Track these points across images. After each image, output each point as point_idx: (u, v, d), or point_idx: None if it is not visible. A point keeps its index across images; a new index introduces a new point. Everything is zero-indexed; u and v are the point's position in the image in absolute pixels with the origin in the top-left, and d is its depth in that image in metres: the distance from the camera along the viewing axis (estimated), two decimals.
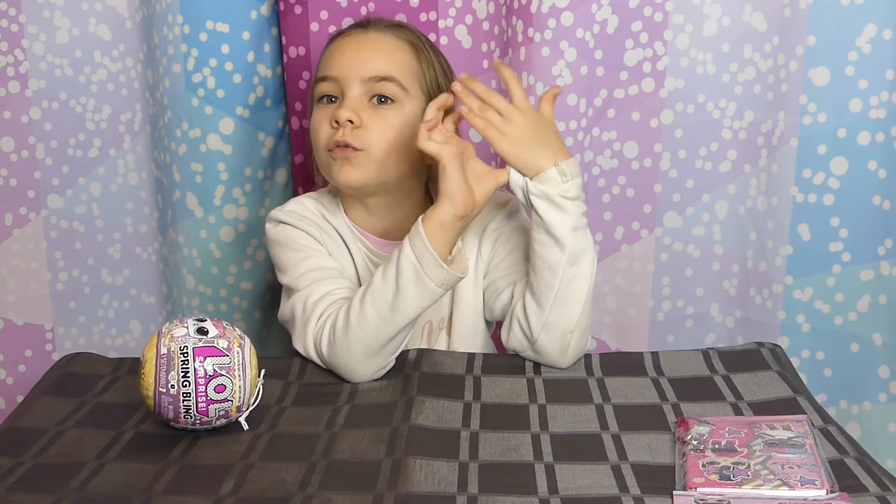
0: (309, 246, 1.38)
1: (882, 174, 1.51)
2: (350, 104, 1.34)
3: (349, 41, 1.40)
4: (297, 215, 1.40)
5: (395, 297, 1.23)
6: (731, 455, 1.03)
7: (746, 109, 1.55)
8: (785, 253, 1.56)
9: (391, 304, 1.23)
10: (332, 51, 1.41)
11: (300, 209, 1.41)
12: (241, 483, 1.01)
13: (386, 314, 1.23)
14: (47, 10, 1.61)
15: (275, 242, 1.39)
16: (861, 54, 1.47)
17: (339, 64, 1.37)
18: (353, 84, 1.35)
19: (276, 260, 1.40)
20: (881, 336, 1.56)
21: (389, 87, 1.36)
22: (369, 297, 1.24)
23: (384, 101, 1.36)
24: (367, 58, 1.37)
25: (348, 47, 1.39)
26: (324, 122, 1.36)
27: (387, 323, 1.23)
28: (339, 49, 1.40)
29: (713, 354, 1.34)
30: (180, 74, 1.58)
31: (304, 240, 1.38)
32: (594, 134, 1.57)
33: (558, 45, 1.49)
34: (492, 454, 1.07)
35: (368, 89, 1.36)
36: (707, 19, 1.52)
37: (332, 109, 1.36)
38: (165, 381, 1.08)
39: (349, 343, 1.25)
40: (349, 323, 1.24)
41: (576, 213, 1.27)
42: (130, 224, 1.74)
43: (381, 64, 1.37)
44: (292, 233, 1.38)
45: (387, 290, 1.23)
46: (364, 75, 1.35)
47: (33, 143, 1.65)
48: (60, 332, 1.72)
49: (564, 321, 1.28)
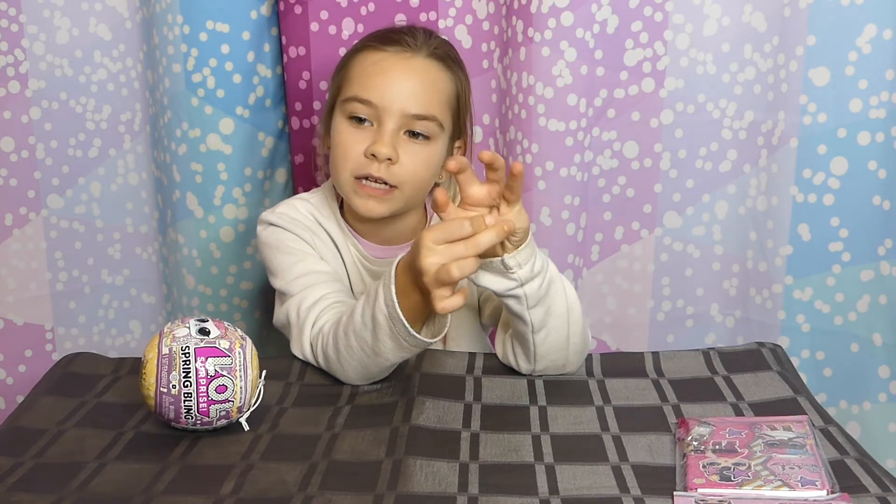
0: (300, 249, 1.36)
1: (882, 174, 1.51)
2: (389, 140, 1.30)
3: (392, 67, 1.33)
4: (287, 218, 1.38)
5: (374, 342, 1.18)
6: (732, 456, 1.03)
7: (746, 109, 1.55)
8: (785, 253, 1.56)
9: (372, 347, 1.19)
10: (373, 71, 1.34)
11: (291, 212, 1.40)
12: (242, 483, 1.01)
13: (370, 353, 1.20)
14: (47, 10, 1.61)
15: (266, 245, 1.38)
16: (861, 54, 1.47)
17: (381, 91, 1.31)
18: (394, 117, 1.31)
19: (268, 263, 1.38)
20: (881, 336, 1.56)
21: (429, 126, 1.32)
22: (353, 333, 1.20)
23: (416, 135, 1.33)
24: (411, 92, 1.32)
25: (392, 74, 1.33)
26: (356, 147, 1.31)
27: (372, 360, 1.21)
28: (381, 72, 1.33)
29: (713, 355, 1.34)
30: (180, 74, 1.58)
31: (295, 243, 1.37)
32: (594, 134, 1.57)
33: (558, 45, 1.49)
34: (492, 455, 1.07)
35: (406, 123, 1.31)
36: (707, 19, 1.53)
37: (367, 135, 1.31)
38: (167, 381, 1.08)
39: (343, 369, 1.24)
40: (339, 352, 1.23)
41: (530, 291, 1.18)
42: (130, 224, 1.74)
43: (426, 102, 1.32)
44: (283, 235, 1.37)
45: (366, 334, 1.19)
46: (407, 111, 1.31)
47: (33, 143, 1.65)
48: (60, 332, 1.72)
49: (554, 364, 1.27)
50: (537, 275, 1.17)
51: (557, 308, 1.22)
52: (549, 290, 1.20)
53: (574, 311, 1.24)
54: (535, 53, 1.50)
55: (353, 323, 1.20)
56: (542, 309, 1.20)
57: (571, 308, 1.24)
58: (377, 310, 1.16)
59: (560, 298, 1.22)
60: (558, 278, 1.23)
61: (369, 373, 1.23)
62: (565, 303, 1.23)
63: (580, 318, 1.26)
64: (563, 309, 1.23)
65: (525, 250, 1.15)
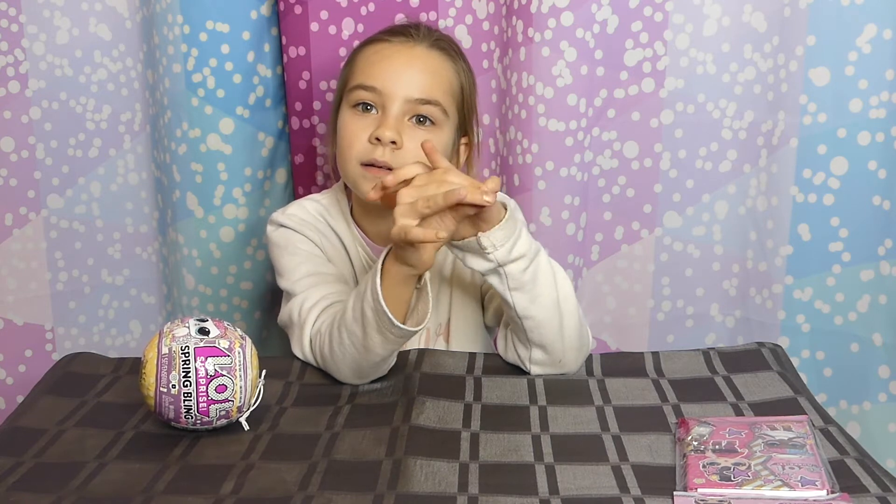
0: (308, 251, 1.37)
1: (882, 174, 1.51)
2: (393, 124, 1.30)
3: (396, 53, 1.35)
4: (297, 219, 1.39)
5: (364, 338, 1.20)
6: (732, 456, 1.03)
7: (746, 109, 1.55)
8: (785, 253, 1.56)
9: (362, 343, 1.20)
10: (376, 59, 1.35)
11: (301, 213, 1.40)
12: (242, 483, 1.01)
13: (361, 349, 1.21)
14: (47, 10, 1.61)
15: (275, 246, 1.39)
16: (861, 54, 1.47)
17: (384, 76, 1.33)
18: (397, 101, 1.31)
19: (276, 263, 1.39)
20: (881, 336, 1.56)
21: (433, 111, 1.33)
22: (345, 329, 1.22)
23: (422, 120, 1.33)
24: (414, 77, 1.33)
25: (395, 60, 1.34)
26: (361, 133, 1.32)
27: (363, 357, 1.22)
28: (384, 59, 1.34)
29: (714, 355, 1.34)
30: (180, 74, 1.58)
31: (303, 244, 1.37)
32: (594, 134, 1.57)
33: (558, 45, 1.49)
34: (492, 455, 1.07)
35: (410, 109, 1.32)
36: (707, 19, 1.53)
37: (371, 121, 1.32)
38: (166, 380, 1.08)
39: (338, 367, 1.25)
40: (333, 350, 1.24)
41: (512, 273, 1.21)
42: (130, 224, 1.74)
43: (428, 86, 1.33)
44: (292, 237, 1.37)
45: (356, 329, 1.20)
46: (410, 95, 1.31)
47: (33, 143, 1.65)
48: (60, 332, 1.72)
49: (549, 358, 1.27)
50: (519, 258, 1.20)
51: (545, 299, 1.23)
52: (536, 277, 1.22)
53: (567, 303, 1.25)
54: (535, 53, 1.50)
55: (345, 320, 1.22)
56: (525, 295, 1.22)
57: (563, 300, 1.25)
58: (365, 304, 1.19)
59: (548, 289, 1.23)
60: (549, 270, 1.24)
61: (362, 371, 1.24)
62: (555, 293, 1.24)
63: (575, 313, 1.26)
64: (551, 300, 1.23)
65: (500, 231, 1.18)
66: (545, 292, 1.23)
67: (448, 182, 1.14)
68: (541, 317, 1.24)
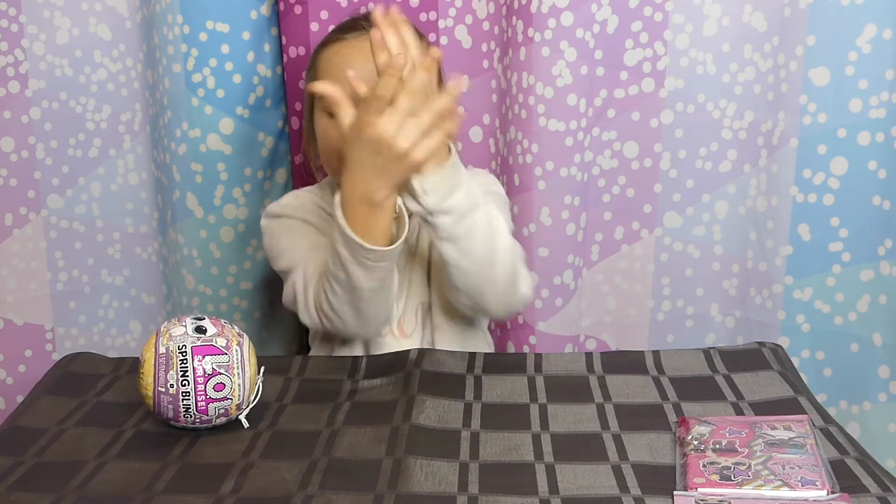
0: (303, 231, 1.39)
1: (882, 174, 1.51)
2: None
3: (353, 50, 1.36)
4: (292, 207, 1.41)
5: (348, 278, 1.21)
6: (732, 455, 1.02)
7: (746, 109, 1.55)
8: (785, 253, 1.56)
9: (347, 283, 1.22)
10: (336, 60, 1.36)
11: (293, 201, 1.43)
12: (242, 482, 1.01)
13: (350, 290, 1.23)
14: (47, 10, 1.61)
15: (269, 234, 1.41)
16: (861, 54, 1.47)
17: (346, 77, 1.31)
18: None
19: (272, 249, 1.40)
20: (881, 336, 1.56)
21: None
22: (332, 278, 1.24)
23: None
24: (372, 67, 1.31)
25: (354, 58, 1.34)
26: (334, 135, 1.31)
27: (356, 298, 1.23)
28: (343, 59, 1.36)
29: (714, 354, 1.34)
30: (180, 74, 1.58)
31: (299, 226, 1.39)
32: (594, 134, 1.57)
33: (558, 45, 1.49)
34: (492, 454, 1.07)
35: None
36: (707, 19, 1.53)
37: None
38: (164, 380, 1.08)
39: (342, 320, 1.27)
40: (331, 303, 1.25)
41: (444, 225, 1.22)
42: (130, 224, 1.74)
43: None
44: (286, 221, 1.40)
45: (339, 272, 1.22)
46: None
47: (33, 143, 1.65)
48: (60, 332, 1.72)
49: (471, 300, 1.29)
50: (450, 211, 1.20)
51: (477, 255, 1.24)
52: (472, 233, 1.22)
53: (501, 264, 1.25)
54: (535, 53, 1.50)
55: (329, 271, 1.23)
56: (453, 246, 1.23)
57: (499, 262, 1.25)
58: (336, 243, 1.20)
59: (482, 247, 1.24)
60: (488, 229, 1.24)
61: (362, 313, 1.25)
62: (490, 255, 1.24)
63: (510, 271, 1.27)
64: (483, 257, 1.24)
65: (434, 178, 1.18)
66: (478, 248, 1.24)
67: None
68: (470, 269, 1.25)
